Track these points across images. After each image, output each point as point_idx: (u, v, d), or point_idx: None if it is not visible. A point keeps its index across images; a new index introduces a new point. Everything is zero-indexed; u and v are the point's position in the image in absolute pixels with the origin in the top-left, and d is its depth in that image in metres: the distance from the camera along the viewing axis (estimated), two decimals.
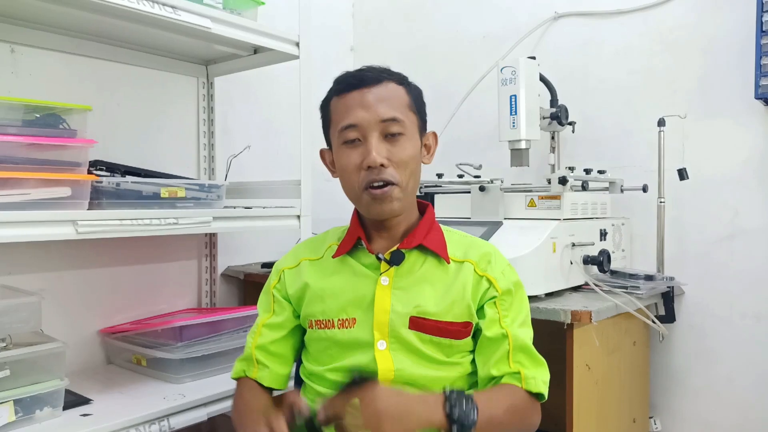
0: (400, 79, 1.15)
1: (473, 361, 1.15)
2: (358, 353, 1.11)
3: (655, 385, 1.96)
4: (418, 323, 1.10)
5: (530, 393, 1.08)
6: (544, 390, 1.10)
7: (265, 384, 1.20)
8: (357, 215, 1.21)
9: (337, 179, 1.18)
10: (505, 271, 1.16)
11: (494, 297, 1.13)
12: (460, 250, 1.17)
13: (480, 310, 1.13)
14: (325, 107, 1.18)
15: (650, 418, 1.94)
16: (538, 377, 1.10)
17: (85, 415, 1.34)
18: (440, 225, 1.22)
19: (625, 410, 1.75)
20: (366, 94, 1.10)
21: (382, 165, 1.08)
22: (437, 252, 1.15)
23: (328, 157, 1.20)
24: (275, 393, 1.24)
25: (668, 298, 1.81)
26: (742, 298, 1.82)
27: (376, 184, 1.09)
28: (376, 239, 1.18)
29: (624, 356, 1.73)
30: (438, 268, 1.15)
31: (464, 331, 1.12)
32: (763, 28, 1.65)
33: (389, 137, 1.10)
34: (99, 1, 1.25)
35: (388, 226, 1.16)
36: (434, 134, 1.22)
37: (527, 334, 1.13)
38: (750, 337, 1.81)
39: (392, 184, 1.09)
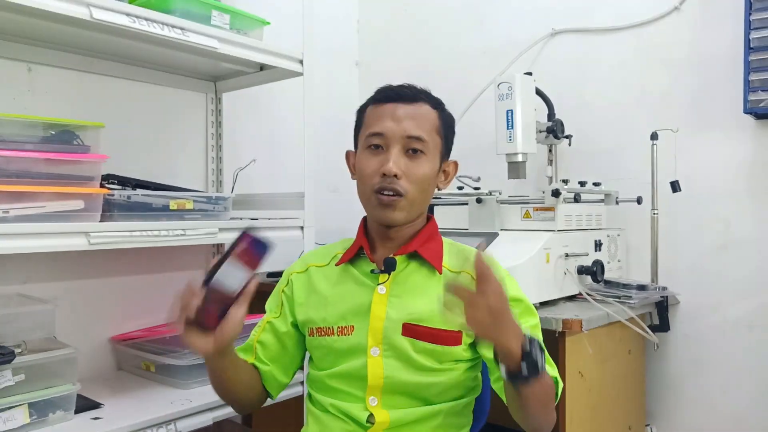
0: (436, 104, 1.21)
1: (468, 369, 1.18)
2: (353, 359, 1.15)
3: (651, 393, 1.99)
4: (411, 329, 1.13)
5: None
6: (560, 384, 1.13)
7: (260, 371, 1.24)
8: (363, 225, 1.25)
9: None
10: (506, 279, 1.16)
11: None
12: (459, 262, 1.20)
13: None
14: (361, 112, 1.24)
15: (646, 426, 1.97)
16: (555, 371, 1.13)
17: (95, 418, 1.38)
18: (443, 237, 1.26)
19: (620, 417, 1.79)
20: (399, 108, 1.16)
21: (395, 175, 1.13)
22: (430, 261, 1.18)
23: (352, 159, 1.26)
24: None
25: (662, 307, 1.84)
26: (735, 307, 1.85)
27: (386, 192, 1.14)
28: (379, 248, 1.22)
29: (619, 364, 1.76)
30: (433, 277, 1.18)
31: (458, 337, 1.14)
32: (751, 45, 1.70)
33: (410, 153, 1.16)
34: (112, 24, 1.31)
35: (392, 236, 1.21)
36: (455, 163, 1.27)
37: (540, 339, 1.15)
38: (743, 346, 1.84)
39: (401, 195, 1.14)
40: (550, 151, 2.07)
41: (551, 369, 1.12)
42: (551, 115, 2.00)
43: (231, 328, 1.03)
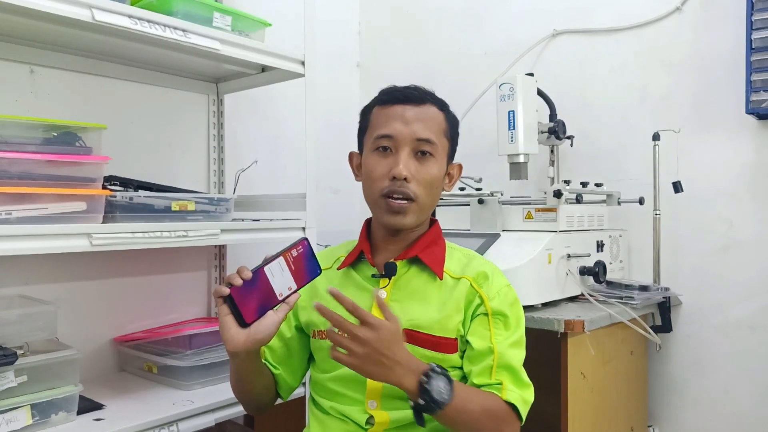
0: (442, 105, 1.21)
1: (462, 377, 1.16)
2: None
3: (654, 394, 1.99)
4: (411, 336, 1.12)
5: (509, 405, 1.08)
6: (522, 407, 1.09)
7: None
8: (366, 228, 1.25)
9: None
10: (501, 291, 1.16)
11: (485, 314, 1.14)
12: (459, 267, 1.20)
13: (470, 324, 1.14)
14: (366, 113, 1.23)
15: (649, 426, 1.97)
16: (518, 392, 1.09)
17: (97, 419, 1.39)
18: (446, 242, 1.25)
19: (622, 418, 1.79)
20: (407, 110, 1.16)
21: (405, 179, 1.13)
22: (431, 266, 1.18)
23: (356, 160, 1.26)
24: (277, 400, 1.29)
25: (664, 308, 1.84)
26: (737, 308, 1.85)
27: (396, 196, 1.14)
28: (382, 251, 1.22)
29: (621, 365, 1.76)
30: (434, 283, 1.18)
31: (455, 345, 1.14)
32: (753, 46, 1.70)
33: (419, 155, 1.16)
34: (114, 26, 1.31)
35: (395, 239, 1.21)
36: (460, 166, 1.27)
37: (516, 356, 1.12)
38: (745, 347, 1.84)
39: (411, 200, 1.14)
40: (552, 151, 2.07)
41: (509, 393, 1.08)
42: (553, 115, 2.00)
43: (266, 327, 1.04)
